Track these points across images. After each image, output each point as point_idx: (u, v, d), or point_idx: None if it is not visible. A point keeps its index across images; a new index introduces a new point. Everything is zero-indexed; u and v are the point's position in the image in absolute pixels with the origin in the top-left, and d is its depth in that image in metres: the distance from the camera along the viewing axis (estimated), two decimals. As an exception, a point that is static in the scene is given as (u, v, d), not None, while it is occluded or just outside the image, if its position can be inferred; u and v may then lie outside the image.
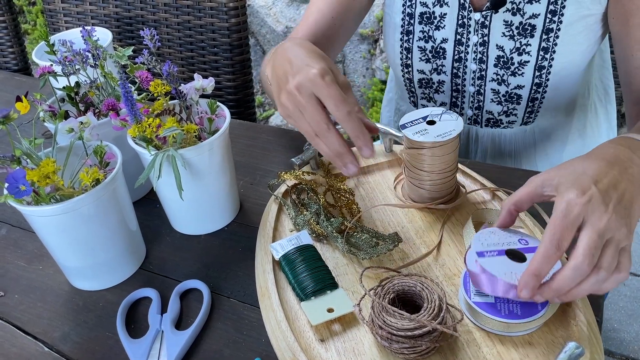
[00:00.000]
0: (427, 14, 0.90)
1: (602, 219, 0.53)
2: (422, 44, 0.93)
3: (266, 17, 2.56)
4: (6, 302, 0.72)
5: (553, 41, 0.84)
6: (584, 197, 0.53)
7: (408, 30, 0.92)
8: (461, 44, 0.90)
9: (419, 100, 1.01)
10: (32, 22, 3.00)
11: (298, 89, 0.60)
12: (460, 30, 0.88)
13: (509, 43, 0.86)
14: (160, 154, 0.68)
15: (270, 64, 0.69)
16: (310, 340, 0.61)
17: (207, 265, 0.75)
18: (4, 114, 0.65)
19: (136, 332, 0.67)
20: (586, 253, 0.51)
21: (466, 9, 0.87)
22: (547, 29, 0.83)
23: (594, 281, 0.53)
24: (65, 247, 0.68)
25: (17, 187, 0.61)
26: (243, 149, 0.95)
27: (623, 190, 0.56)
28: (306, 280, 0.65)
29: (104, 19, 1.33)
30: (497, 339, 0.59)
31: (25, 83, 1.25)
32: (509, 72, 0.88)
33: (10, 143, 0.69)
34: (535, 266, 0.52)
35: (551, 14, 0.83)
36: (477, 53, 0.89)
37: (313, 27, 0.93)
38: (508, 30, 0.86)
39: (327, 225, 0.72)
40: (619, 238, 0.53)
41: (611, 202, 0.54)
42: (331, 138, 0.60)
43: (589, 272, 0.52)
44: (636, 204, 0.56)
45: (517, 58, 0.87)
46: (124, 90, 0.67)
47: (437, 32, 0.91)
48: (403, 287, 0.60)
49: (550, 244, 0.52)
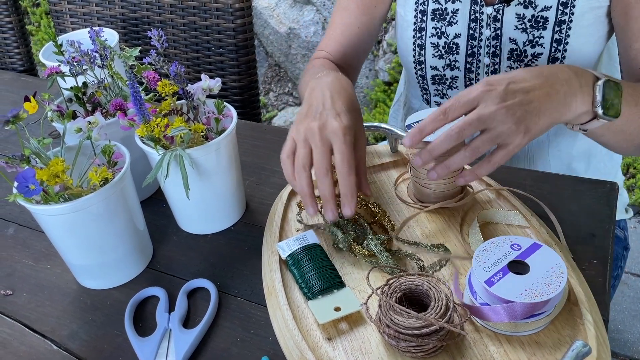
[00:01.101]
0: (439, 10, 0.91)
1: (488, 107, 0.60)
2: (435, 40, 0.93)
3: (269, 19, 2.57)
4: (15, 300, 0.73)
5: (565, 33, 0.84)
6: (487, 87, 0.61)
7: (421, 27, 0.93)
8: (474, 38, 0.90)
9: (432, 97, 1.01)
10: (36, 23, 3.01)
11: (321, 130, 0.66)
12: (473, 25, 0.89)
13: (521, 36, 0.87)
14: (168, 153, 0.69)
15: (311, 86, 0.75)
16: (318, 339, 0.61)
17: (214, 264, 0.75)
18: (14, 114, 0.66)
19: (144, 330, 0.67)
20: (459, 125, 0.60)
21: (478, 4, 0.88)
22: (559, 21, 0.84)
23: (461, 157, 0.62)
24: (73, 245, 0.69)
25: (26, 186, 0.61)
26: (249, 149, 0.95)
27: (533, 98, 0.61)
28: (313, 279, 0.66)
29: (110, 20, 1.33)
30: (504, 338, 0.59)
31: (31, 83, 1.26)
32: (522, 65, 0.89)
33: (19, 142, 0.69)
34: (422, 124, 0.62)
35: (563, 6, 0.83)
36: (490, 47, 0.90)
37: (340, 39, 0.97)
38: (520, 23, 0.86)
39: (376, 244, 0.69)
40: (501, 132, 0.60)
41: (510, 100, 0.60)
42: (326, 182, 0.65)
43: (455, 142, 0.61)
44: (544, 116, 0.62)
45: (531, 50, 0.87)
46: (132, 90, 0.68)
47: (450, 28, 0.91)
48: (410, 285, 0.60)
49: (440, 110, 0.61)
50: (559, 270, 0.59)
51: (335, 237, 0.71)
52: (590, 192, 0.79)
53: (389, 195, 0.80)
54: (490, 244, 0.63)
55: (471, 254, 0.68)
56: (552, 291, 0.57)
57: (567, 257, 0.67)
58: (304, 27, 2.51)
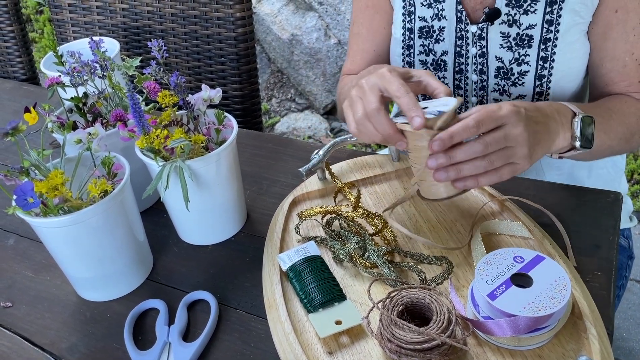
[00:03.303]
0: (426, 28, 0.91)
1: (516, 129, 0.63)
2: (423, 58, 0.94)
3: (272, 25, 2.57)
4: (14, 313, 0.72)
5: (551, 50, 0.84)
6: (516, 108, 0.64)
7: (409, 44, 0.94)
8: (461, 55, 0.90)
9: None
10: (40, 31, 3.02)
11: (366, 81, 0.70)
12: (460, 43, 0.89)
13: (507, 54, 0.87)
14: (168, 165, 0.68)
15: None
16: (319, 353, 0.60)
17: (214, 276, 0.74)
18: (13, 126, 0.65)
19: (144, 343, 0.67)
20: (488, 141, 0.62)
21: (463, 22, 0.87)
22: (544, 39, 0.84)
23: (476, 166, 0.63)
24: (73, 258, 0.69)
25: (25, 200, 0.61)
26: (249, 159, 0.95)
27: (539, 129, 0.66)
28: (314, 291, 0.65)
29: (112, 29, 1.33)
30: (508, 352, 0.58)
31: (33, 92, 1.26)
32: (509, 83, 0.89)
33: (18, 154, 0.69)
34: (454, 129, 0.62)
35: (547, 24, 0.83)
36: (477, 64, 0.90)
37: (361, 64, 1.01)
38: (505, 41, 0.86)
39: (378, 255, 0.69)
40: (517, 153, 0.63)
41: (531, 127, 0.64)
42: (381, 119, 0.67)
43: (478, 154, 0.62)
44: (541, 147, 0.67)
45: (517, 68, 0.87)
46: (132, 102, 0.67)
47: (437, 45, 0.92)
48: (412, 299, 0.59)
49: (473, 120, 0.62)
50: (562, 283, 0.58)
51: (334, 249, 0.70)
52: (594, 203, 0.78)
53: (391, 206, 0.79)
54: (492, 256, 0.62)
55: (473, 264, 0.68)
56: (555, 305, 0.56)
57: (570, 268, 0.67)
58: (307, 34, 2.51)
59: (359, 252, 0.71)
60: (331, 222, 0.76)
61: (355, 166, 0.86)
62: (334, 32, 2.47)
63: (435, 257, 0.69)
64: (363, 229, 0.73)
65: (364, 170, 0.85)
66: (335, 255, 0.70)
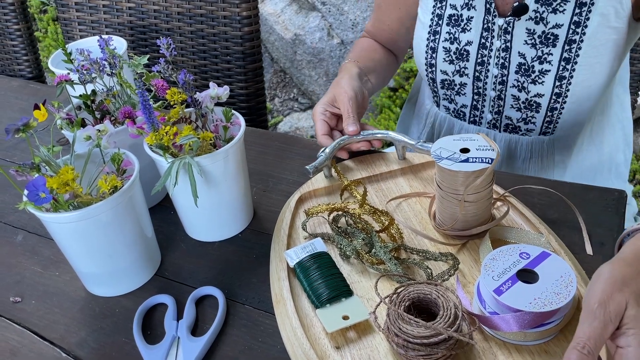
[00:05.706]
0: (455, 16, 0.92)
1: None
2: (447, 45, 0.94)
3: (275, 25, 2.58)
4: (24, 308, 0.73)
5: (575, 52, 0.84)
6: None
7: (435, 30, 0.95)
8: (485, 47, 0.91)
9: (441, 101, 1.03)
10: (43, 30, 3.03)
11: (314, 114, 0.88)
12: (485, 34, 0.90)
13: (530, 51, 0.87)
14: (176, 161, 0.69)
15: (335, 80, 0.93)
16: (326, 348, 0.61)
17: (221, 272, 0.75)
18: (24, 122, 0.66)
19: (152, 338, 0.67)
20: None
21: (491, 14, 0.88)
22: (569, 40, 0.84)
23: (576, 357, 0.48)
24: (82, 253, 0.69)
25: (37, 195, 0.61)
26: (256, 156, 0.95)
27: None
28: (321, 287, 0.66)
29: (118, 28, 1.34)
30: (514, 347, 0.59)
31: (40, 91, 1.26)
32: (529, 80, 0.89)
33: (28, 149, 0.70)
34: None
35: (575, 25, 0.83)
36: (500, 58, 0.90)
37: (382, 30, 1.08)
38: (530, 38, 0.86)
39: (383, 252, 0.69)
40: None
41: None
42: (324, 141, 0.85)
43: None
44: None
45: (538, 67, 0.87)
46: (142, 99, 0.68)
47: (463, 35, 0.92)
48: (418, 294, 0.60)
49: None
50: (568, 279, 0.59)
51: (341, 245, 0.71)
52: (599, 200, 0.78)
53: (397, 203, 0.80)
54: (499, 253, 0.63)
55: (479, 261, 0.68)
56: (561, 300, 0.57)
57: (576, 265, 0.67)
58: (310, 34, 2.52)
59: (366, 249, 0.72)
60: (338, 219, 0.76)
61: (361, 164, 0.87)
62: (336, 32, 2.48)
63: (441, 253, 0.69)
64: (369, 225, 0.74)
65: (370, 168, 0.86)
66: (342, 251, 0.71)
